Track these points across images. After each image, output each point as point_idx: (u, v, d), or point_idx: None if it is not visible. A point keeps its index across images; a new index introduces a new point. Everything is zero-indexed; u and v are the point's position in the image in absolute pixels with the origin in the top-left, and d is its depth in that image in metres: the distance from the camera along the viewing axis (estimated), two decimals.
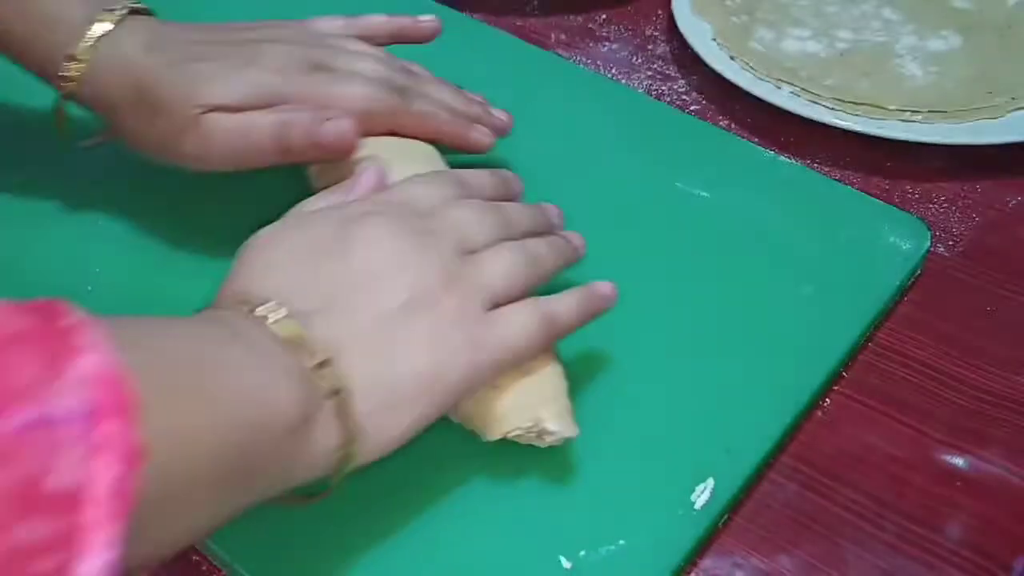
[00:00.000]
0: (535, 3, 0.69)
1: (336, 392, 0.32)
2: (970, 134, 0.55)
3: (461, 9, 0.66)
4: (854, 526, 0.39)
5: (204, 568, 0.39)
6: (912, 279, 0.49)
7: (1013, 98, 0.57)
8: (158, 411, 0.26)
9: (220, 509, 0.30)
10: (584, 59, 0.64)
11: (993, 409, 0.44)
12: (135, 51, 0.44)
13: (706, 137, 0.56)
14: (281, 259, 0.36)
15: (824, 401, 0.44)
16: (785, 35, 0.63)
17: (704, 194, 0.52)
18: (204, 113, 0.43)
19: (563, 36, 0.66)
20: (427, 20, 0.52)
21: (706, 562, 0.38)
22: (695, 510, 0.38)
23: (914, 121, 0.56)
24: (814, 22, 0.64)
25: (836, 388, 0.44)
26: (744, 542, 0.39)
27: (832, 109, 0.57)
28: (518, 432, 0.38)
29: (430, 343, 0.35)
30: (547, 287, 0.40)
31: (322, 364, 0.32)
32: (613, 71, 0.63)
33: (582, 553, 0.37)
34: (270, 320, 0.33)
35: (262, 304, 0.33)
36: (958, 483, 0.41)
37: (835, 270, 0.48)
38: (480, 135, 0.49)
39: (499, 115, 0.51)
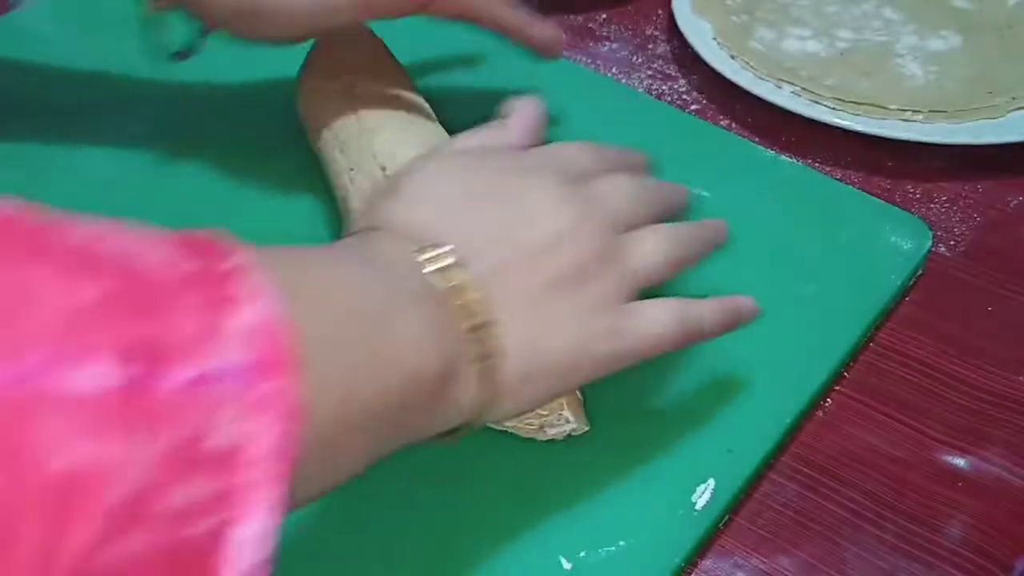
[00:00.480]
0: (535, 3, 0.69)
1: (485, 356, 0.32)
2: (970, 134, 0.55)
3: None
4: (854, 526, 0.39)
5: None
6: (913, 279, 0.49)
7: (1013, 98, 0.57)
8: (320, 363, 0.26)
9: (369, 457, 0.30)
10: (584, 59, 0.64)
11: (993, 409, 0.44)
12: None
13: (706, 137, 0.56)
14: (448, 197, 0.35)
15: (825, 401, 0.44)
16: (785, 35, 0.63)
17: (704, 194, 0.52)
18: None
19: (563, 36, 0.66)
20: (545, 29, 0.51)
21: (706, 563, 0.38)
22: (695, 510, 0.38)
23: (915, 121, 0.56)
24: (814, 22, 0.64)
25: (837, 388, 0.44)
26: (744, 542, 0.39)
27: (833, 109, 0.57)
28: (529, 421, 0.38)
29: (577, 322, 0.34)
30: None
31: (479, 327, 0.32)
32: (613, 71, 0.63)
33: (582, 553, 0.37)
34: (435, 267, 0.32)
35: (430, 247, 0.32)
36: (958, 483, 0.41)
37: (836, 270, 0.48)
38: (545, 30, 0.50)
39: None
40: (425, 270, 0.32)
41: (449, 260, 0.32)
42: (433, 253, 0.32)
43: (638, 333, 0.36)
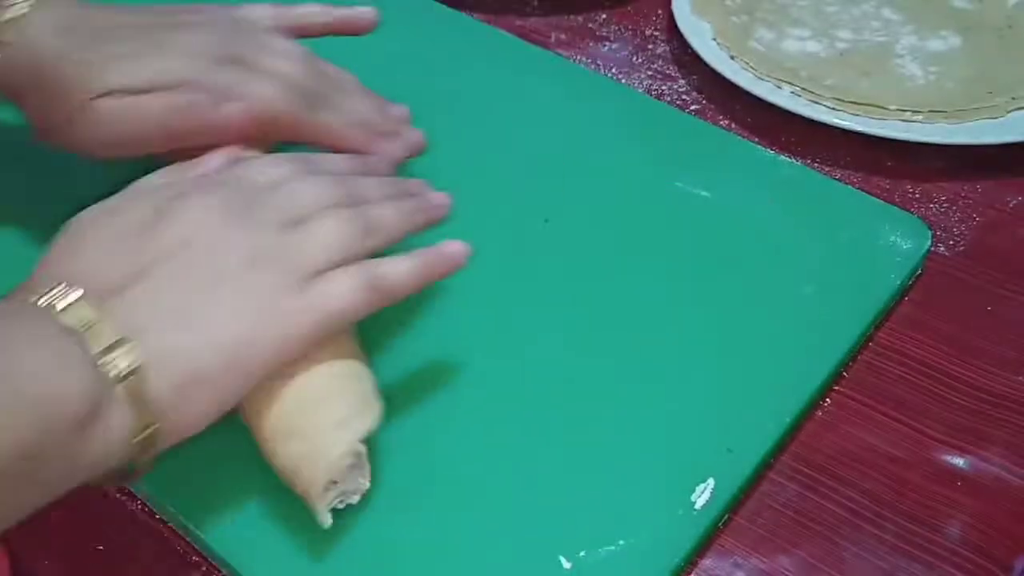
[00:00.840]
0: (535, 3, 0.69)
1: (128, 375, 0.31)
2: (970, 134, 0.55)
3: (461, 9, 0.66)
4: (854, 526, 0.39)
5: (204, 569, 0.39)
6: (912, 279, 0.49)
7: (1013, 98, 0.57)
8: None
9: (12, 505, 0.30)
10: (584, 59, 0.64)
11: (993, 409, 0.44)
12: (43, 33, 0.42)
13: (706, 137, 0.56)
14: (93, 238, 0.35)
15: (824, 401, 0.44)
16: (785, 35, 0.63)
17: (704, 194, 0.52)
18: (97, 98, 0.42)
19: (563, 36, 0.66)
20: (365, 12, 0.49)
21: (706, 562, 0.38)
22: (695, 510, 0.38)
23: (914, 121, 0.56)
24: (814, 22, 0.64)
25: (836, 388, 0.44)
26: (744, 542, 0.39)
27: (832, 109, 0.57)
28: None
29: (234, 316, 0.34)
30: None
31: (112, 347, 0.32)
32: (613, 71, 0.63)
33: (582, 553, 0.37)
34: (57, 307, 0.32)
35: (49, 291, 0.32)
36: (958, 483, 0.41)
37: (835, 270, 0.48)
38: (389, 149, 0.47)
39: (414, 134, 0.49)
40: (49, 312, 0.32)
41: (69, 297, 0.32)
42: (50, 295, 0.32)
43: (312, 309, 0.36)
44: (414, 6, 0.65)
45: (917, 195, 0.54)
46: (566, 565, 0.37)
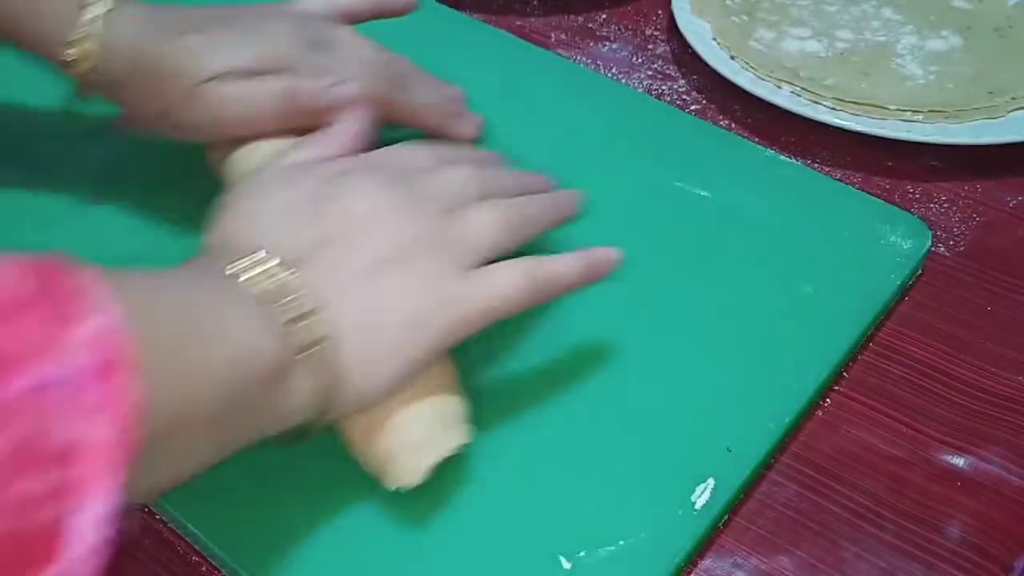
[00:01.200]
0: (535, 3, 0.69)
1: (313, 344, 0.33)
2: (970, 134, 0.55)
3: (461, 9, 0.66)
4: (854, 526, 0.39)
5: (204, 569, 0.39)
6: (913, 279, 0.49)
7: (1013, 98, 0.57)
8: (154, 365, 0.27)
9: (211, 449, 0.32)
10: (584, 59, 0.64)
11: (993, 409, 0.44)
12: (134, 28, 0.44)
13: (706, 137, 0.56)
14: (267, 209, 0.37)
15: (824, 401, 0.44)
16: (785, 35, 0.63)
17: (704, 194, 0.52)
18: (209, 81, 0.43)
19: (563, 36, 0.66)
20: None
21: (706, 562, 0.38)
22: (695, 510, 0.38)
23: (915, 121, 0.56)
24: (814, 22, 0.64)
25: (836, 388, 0.44)
26: (744, 542, 0.39)
27: (832, 109, 0.57)
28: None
29: (412, 295, 0.36)
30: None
31: (300, 317, 0.33)
32: (613, 71, 0.63)
33: (582, 553, 0.37)
34: (249, 275, 0.34)
35: (247, 256, 0.34)
36: (958, 483, 0.41)
37: (835, 270, 0.48)
38: (465, 127, 0.51)
39: (475, 114, 0.53)
40: (241, 278, 0.33)
41: (264, 265, 0.34)
42: (247, 262, 0.34)
43: (483, 295, 0.37)
44: None
45: (917, 195, 0.54)
46: (566, 565, 0.37)
